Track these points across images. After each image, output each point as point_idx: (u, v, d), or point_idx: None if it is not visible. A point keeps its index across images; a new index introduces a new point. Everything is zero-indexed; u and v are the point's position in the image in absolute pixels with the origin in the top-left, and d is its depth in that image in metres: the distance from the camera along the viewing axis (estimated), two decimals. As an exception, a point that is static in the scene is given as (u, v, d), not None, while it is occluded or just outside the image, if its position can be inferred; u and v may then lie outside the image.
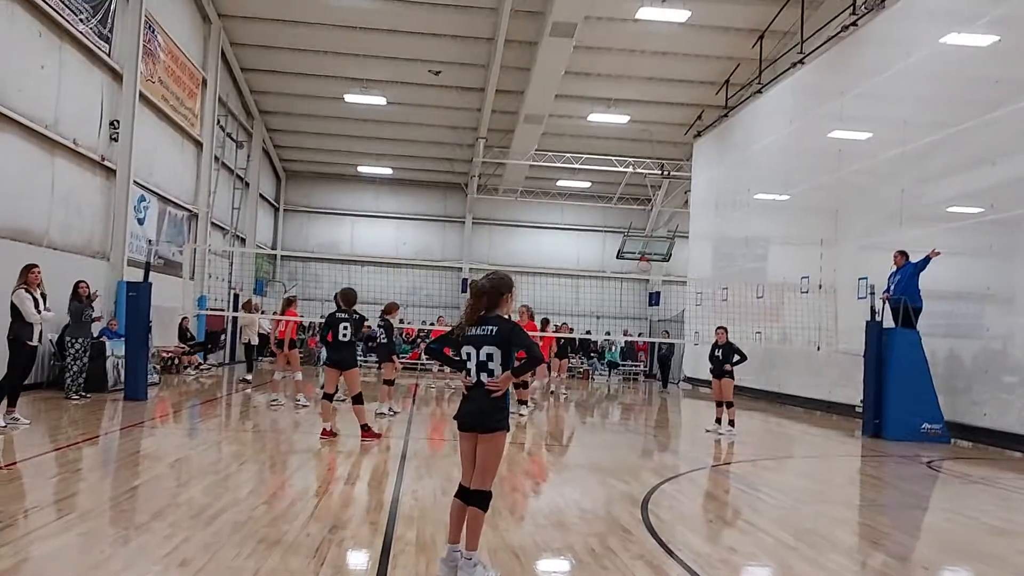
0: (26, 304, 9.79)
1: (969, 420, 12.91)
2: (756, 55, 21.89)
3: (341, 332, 9.98)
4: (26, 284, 9.92)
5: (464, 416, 4.69)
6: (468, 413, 4.68)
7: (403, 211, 34.60)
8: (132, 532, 5.29)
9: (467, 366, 4.69)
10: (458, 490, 4.71)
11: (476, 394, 4.68)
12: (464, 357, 4.71)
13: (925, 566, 5.58)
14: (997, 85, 12.84)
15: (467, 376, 4.72)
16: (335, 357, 10.07)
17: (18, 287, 9.90)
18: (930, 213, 14.72)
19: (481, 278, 4.80)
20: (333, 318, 10.12)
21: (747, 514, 7.09)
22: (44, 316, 10.04)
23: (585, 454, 10.26)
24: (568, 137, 28.89)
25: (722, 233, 24.42)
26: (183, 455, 8.55)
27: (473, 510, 4.55)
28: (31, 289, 9.93)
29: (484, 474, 4.60)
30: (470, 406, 4.69)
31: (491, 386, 4.63)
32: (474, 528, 4.55)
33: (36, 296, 9.95)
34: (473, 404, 4.68)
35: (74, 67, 15.35)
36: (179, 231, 21.96)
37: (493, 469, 4.65)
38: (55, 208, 14.89)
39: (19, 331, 9.80)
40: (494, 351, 4.63)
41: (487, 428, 4.60)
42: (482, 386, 4.65)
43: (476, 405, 4.66)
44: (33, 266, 10.19)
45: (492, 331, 4.66)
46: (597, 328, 32.98)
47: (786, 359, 19.61)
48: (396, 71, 24.97)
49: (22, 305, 9.79)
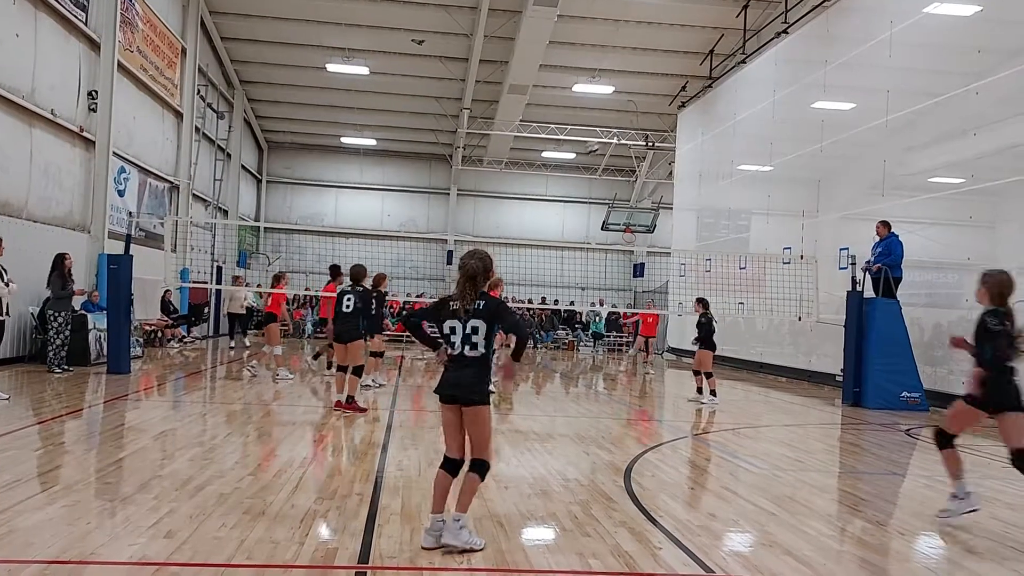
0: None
1: (948, 389, 13.09)
2: (740, 25, 21.80)
3: (344, 304, 10.09)
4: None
5: (446, 388, 4.72)
6: (451, 385, 4.72)
7: (387, 182, 34.40)
8: (117, 504, 5.31)
9: (451, 340, 4.72)
10: (443, 461, 4.76)
11: (458, 366, 4.71)
12: (448, 332, 4.74)
13: (902, 531, 5.68)
14: (979, 55, 12.89)
15: (448, 349, 4.75)
16: (338, 329, 10.14)
17: None
18: (912, 183, 14.81)
19: (468, 258, 4.80)
20: (340, 293, 10.33)
21: (728, 482, 7.19)
22: (11, 289, 9.95)
23: (569, 424, 10.34)
24: (553, 108, 28.75)
25: (706, 204, 24.47)
26: (168, 427, 8.55)
27: (471, 475, 4.66)
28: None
29: (481, 446, 4.70)
30: (453, 378, 4.72)
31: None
32: (468, 491, 4.65)
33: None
34: (455, 376, 4.71)
35: (50, 36, 15.10)
36: (160, 203, 21.76)
37: (487, 440, 4.73)
38: (34, 180, 14.71)
39: None
40: (480, 325, 4.67)
41: (469, 401, 4.65)
42: (465, 358, 4.68)
43: (458, 377, 4.70)
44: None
45: (480, 305, 4.70)
46: (582, 300, 33.10)
47: (768, 329, 19.78)
48: (379, 40, 24.70)
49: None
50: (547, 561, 4.54)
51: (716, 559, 4.71)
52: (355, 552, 4.51)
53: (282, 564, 4.26)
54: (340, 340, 10.15)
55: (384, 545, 4.64)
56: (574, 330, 31.18)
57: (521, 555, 4.62)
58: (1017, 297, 5.80)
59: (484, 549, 4.60)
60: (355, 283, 10.36)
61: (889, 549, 5.25)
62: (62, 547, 4.35)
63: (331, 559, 4.38)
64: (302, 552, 4.45)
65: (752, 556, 4.87)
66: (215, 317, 26.42)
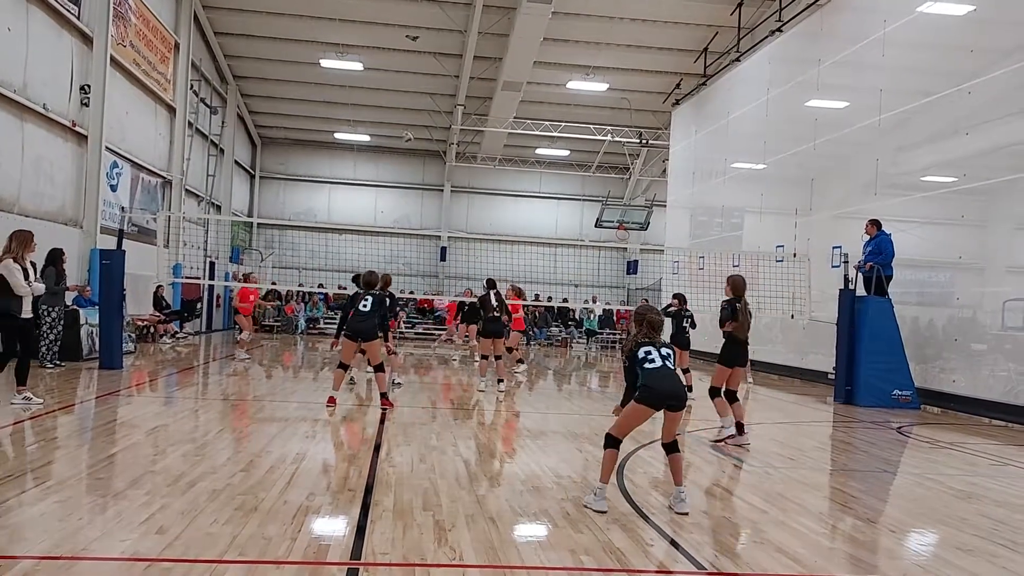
0: (15, 275, 8.91)
1: (939, 387, 13.16)
2: (735, 23, 21.82)
3: (361, 305, 10.29)
4: (12, 254, 8.98)
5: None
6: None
7: (381, 179, 34.34)
8: (109, 500, 5.30)
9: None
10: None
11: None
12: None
13: (892, 528, 5.71)
14: (972, 54, 12.92)
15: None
16: (355, 327, 10.23)
17: (5, 257, 8.99)
18: (904, 182, 14.85)
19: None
20: (355, 295, 10.61)
21: (720, 479, 7.21)
22: (35, 288, 9.20)
23: (561, 421, 10.35)
24: (547, 105, 28.73)
25: (699, 202, 24.50)
26: (160, 423, 8.53)
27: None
28: (20, 259, 9.02)
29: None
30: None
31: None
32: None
33: (25, 266, 9.10)
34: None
35: (42, 30, 15.03)
36: (153, 198, 21.69)
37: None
38: (26, 174, 14.65)
39: (8, 304, 8.93)
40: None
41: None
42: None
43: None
44: (29, 234, 9.30)
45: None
46: (576, 297, 33.11)
47: (760, 327, 19.81)
48: (373, 36, 24.65)
49: (11, 276, 8.89)
50: (539, 558, 4.55)
51: (707, 556, 4.73)
52: (347, 548, 4.51)
53: (274, 560, 4.25)
54: (354, 338, 10.29)
55: (376, 542, 4.65)
56: (567, 327, 31.19)
57: (513, 551, 4.63)
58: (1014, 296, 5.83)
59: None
60: (368, 289, 10.57)
61: (880, 546, 5.28)
62: (54, 543, 4.35)
63: (323, 555, 4.38)
64: (294, 548, 4.45)
65: (743, 553, 4.89)
66: (208, 313, 26.37)
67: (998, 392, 12.01)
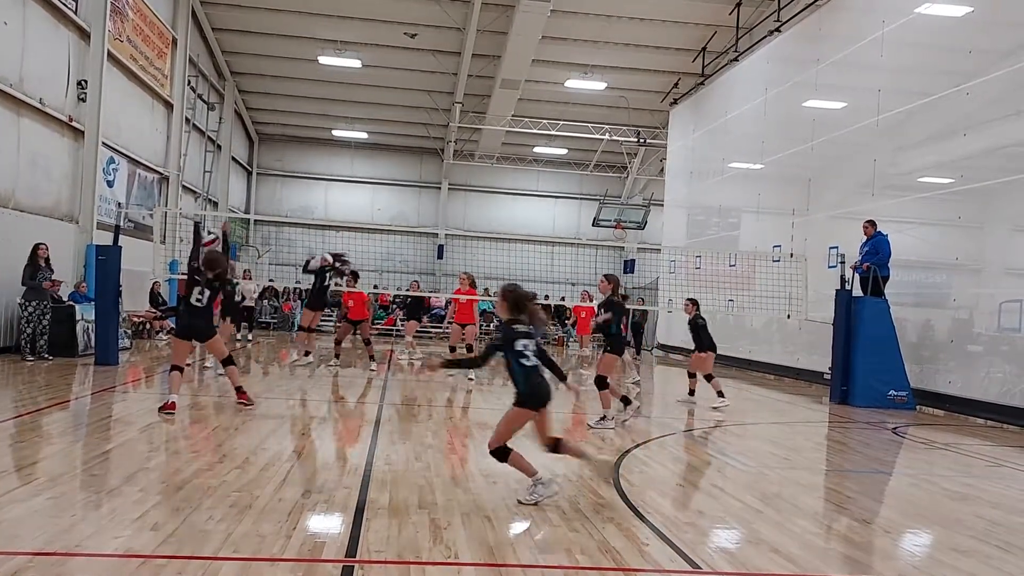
0: None
1: (935, 387, 13.17)
2: (733, 22, 21.82)
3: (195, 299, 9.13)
4: None
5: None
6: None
7: (378, 176, 34.32)
8: (103, 496, 5.28)
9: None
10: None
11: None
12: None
13: (887, 529, 5.71)
14: (970, 56, 12.93)
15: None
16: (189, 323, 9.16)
17: None
18: (902, 183, 14.86)
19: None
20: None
21: (715, 479, 7.21)
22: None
23: (557, 419, 10.34)
24: (545, 103, 28.73)
25: (696, 201, 24.51)
26: (155, 420, 8.51)
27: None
28: None
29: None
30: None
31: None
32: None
33: None
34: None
35: (39, 24, 14.98)
36: (149, 194, 21.64)
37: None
38: (22, 169, 14.61)
39: None
40: None
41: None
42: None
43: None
44: None
45: None
46: (572, 295, 33.08)
47: (757, 327, 19.84)
48: (371, 33, 24.62)
49: None
50: (534, 556, 4.54)
51: (703, 555, 4.73)
52: (342, 546, 4.50)
53: (269, 558, 4.24)
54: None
55: (372, 539, 4.64)
56: (564, 326, 31.16)
57: (509, 550, 4.62)
58: (1010, 297, 5.83)
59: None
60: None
61: (875, 547, 5.28)
62: (47, 539, 4.33)
63: (318, 553, 4.36)
64: (289, 545, 4.43)
65: (739, 553, 4.89)
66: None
67: (994, 393, 12.03)
